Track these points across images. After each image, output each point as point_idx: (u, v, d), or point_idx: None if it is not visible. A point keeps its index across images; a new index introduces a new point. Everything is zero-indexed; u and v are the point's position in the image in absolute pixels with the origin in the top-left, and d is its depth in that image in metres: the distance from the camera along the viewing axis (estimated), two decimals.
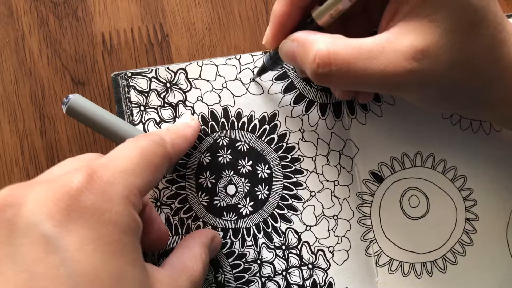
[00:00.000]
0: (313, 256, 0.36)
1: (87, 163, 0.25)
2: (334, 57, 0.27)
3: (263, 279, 0.36)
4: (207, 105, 0.36)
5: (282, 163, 0.37)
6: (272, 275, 0.36)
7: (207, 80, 0.36)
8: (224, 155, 0.36)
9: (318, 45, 0.27)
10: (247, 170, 0.36)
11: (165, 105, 0.36)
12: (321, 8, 0.29)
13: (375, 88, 0.29)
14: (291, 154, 0.37)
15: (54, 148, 0.37)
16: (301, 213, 0.36)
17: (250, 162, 0.36)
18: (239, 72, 0.36)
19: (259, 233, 0.36)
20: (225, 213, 0.36)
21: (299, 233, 0.36)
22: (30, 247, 0.21)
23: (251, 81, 0.37)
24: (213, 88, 0.36)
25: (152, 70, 0.36)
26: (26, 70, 0.37)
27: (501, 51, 0.27)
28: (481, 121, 0.37)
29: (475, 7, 0.26)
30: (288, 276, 0.36)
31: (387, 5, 0.28)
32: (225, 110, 0.36)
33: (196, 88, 0.36)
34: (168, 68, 0.36)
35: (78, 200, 0.22)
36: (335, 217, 0.36)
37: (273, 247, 0.36)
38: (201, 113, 0.36)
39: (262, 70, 0.35)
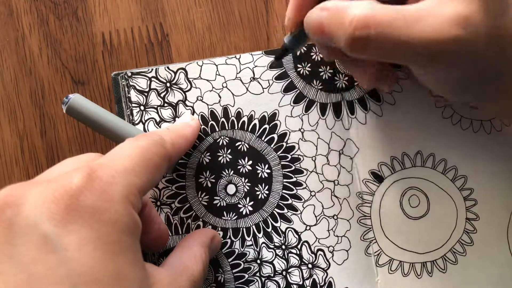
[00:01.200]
0: (313, 255, 0.36)
1: (86, 163, 0.25)
2: (373, 20, 0.25)
3: (263, 279, 0.36)
4: (207, 104, 0.36)
5: (282, 162, 0.37)
6: (272, 275, 0.36)
7: (207, 80, 0.36)
8: (224, 155, 0.36)
9: (354, 10, 0.25)
10: (247, 170, 0.36)
11: (165, 104, 0.36)
12: None
13: (414, 58, 0.27)
14: (291, 153, 0.37)
15: (54, 148, 0.37)
16: (301, 212, 0.36)
17: (250, 162, 0.36)
18: (239, 72, 0.36)
19: (259, 232, 0.36)
20: (225, 213, 0.36)
21: (299, 233, 0.36)
22: (29, 247, 0.21)
23: (272, 64, 0.36)
24: (213, 87, 0.36)
25: (152, 69, 0.36)
26: (26, 70, 0.37)
27: None
28: (483, 120, 0.37)
29: None
30: (288, 275, 0.36)
31: None
32: (225, 110, 0.36)
33: (196, 87, 0.36)
34: (168, 67, 0.36)
35: (77, 200, 0.22)
36: (335, 217, 0.36)
37: (273, 246, 0.36)
38: (201, 113, 0.36)
39: (283, 53, 0.33)
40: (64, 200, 0.22)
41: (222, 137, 0.36)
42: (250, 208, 0.36)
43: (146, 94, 0.36)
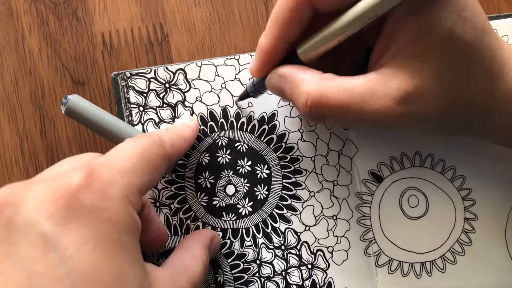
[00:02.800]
0: (313, 256, 0.36)
1: (86, 162, 0.26)
2: (326, 101, 0.27)
3: (263, 279, 0.36)
4: (206, 105, 0.36)
5: (281, 163, 0.37)
6: (272, 275, 0.36)
7: (206, 81, 0.36)
8: (223, 155, 0.36)
9: (308, 87, 0.28)
10: (246, 170, 0.36)
11: (164, 105, 0.36)
12: (307, 46, 0.29)
13: (369, 127, 0.29)
14: (290, 154, 0.37)
15: (54, 148, 0.37)
16: (300, 213, 0.36)
17: (249, 162, 0.37)
18: (238, 73, 0.36)
19: (258, 233, 0.36)
20: (224, 213, 0.36)
21: (299, 233, 0.36)
22: (29, 245, 0.21)
23: (233, 105, 0.37)
24: (212, 88, 0.36)
25: (151, 70, 0.36)
26: (26, 70, 0.38)
27: (497, 83, 0.27)
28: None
29: (468, 43, 0.26)
30: (287, 276, 0.36)
31: (377, 41, 0.28)
32: (224, 111, 0.36)
33: (195, 88, 0.36)
34: (167, 68, 0.36)
35: (77, 199, 0.22)
36: (335, 217, 0.36)
37: (272, 247, 0.36)
38: (200, 114, 0.36)
39: (244, 96, 0.35)
40: (63, 199, 0.22)
41: (221, 138, 0.36)
42: (250, 209, 0.36)
43: (145, 94, 0.36)
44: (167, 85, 0.36)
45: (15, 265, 0.21)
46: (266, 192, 0.37)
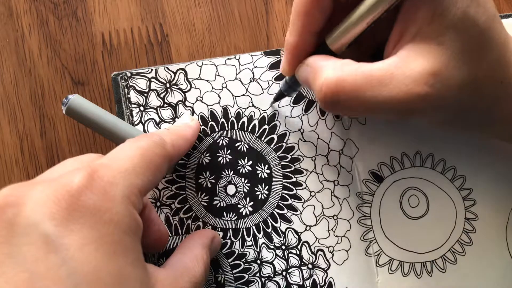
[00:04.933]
0: (313, 256, 0.36)
1: (87, 163, 0.25)
2: (341, 84, 0.26)
3: (263, 279, 0.36)
4: (207, 105, 0.36)
5: (281, 163, 0.37)
6: (272, 275, 0.36)
7: (207, 80, 0.36)
8: (224, 155, 0.36)
9: (326, 73, 0.27)
10: (246, 170, 0.36)
11: (165, 105, 0.36)
12: (335, 33, 0.29)
13: (386, 115, 0.28)
14: (290, 154, 0.37)
15: (54, 148, 0.37)
16: (301, 213, 0.36)
17: (250, 162, 0.36)
18: (239, 72, 0.36)
19: (259, 233, 0.36)
20: (225, 213, 0.36)
21: (299, 233, 0.36)
22: (30, 247, 0.21)
23: (270, 106, 0.37)
24: (212, 88, 0.36)
25: (151, 70, 0.36)
26: (26, 70, 0.37)
27: (506, 72, 0.27)
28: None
29: (481, 28, 0.26)
30: (288, 276, 0.36)
31: (394, 25, 0.28)
32: (225, 110, 0.36)
33: (195, 88, 0.36)
34: (167, 68, 0.36)
35: (79, 200, 0.22)
36: (335, 217, 0.36)
37: (273, 247, 0.36)
38: (201, 113, 0.36)
39: (279, 96, 0.35)
40: (65, 199, 0.22)
41: (222, 138, 0.36)
42: (250, 209, 0.36)
43: (145, 94, 0.36)
44: (167, 85, 0.36)
45: (16, 266, 0.21)
46: (267, 192, 0.37)
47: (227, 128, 0.36)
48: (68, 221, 0.22)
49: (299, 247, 0.36)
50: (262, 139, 0.37)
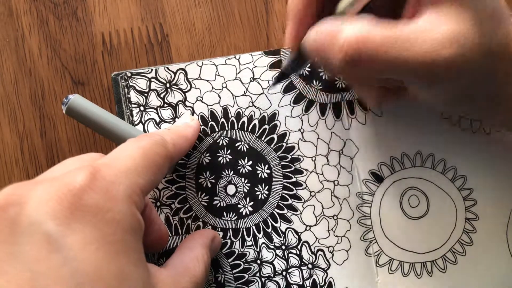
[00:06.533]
0: (313, 256, 0.36)
1: (89, 163, 0.25)
2: (364, 41, 0.25)
3: (263, 279, 0.36)
4: (207, 105, 0.36)
5: (282, 163, 0.37)
6: (272, 275, 0.36)
7: (207, 80, 0.36)
8: (224, 155, 0.36)
9: (346, 31, 0.26)
10: (246, 170, 0.36)
11: (165, 105, 0.36)
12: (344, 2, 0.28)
13: (407, 76, 0.27)
14: (291, 154, 0.37)
15: (54, 148, 0.37)
16: (301, 213, 0.36)
17: (250, 162, 0.36)
18: (239, 72, 0.36)
19: (259, 233, 0.36)
20: (225, 213, 0.36)
21: (299, 233, 0.36)
22: (33, 246, 0.21)
23: (268, 86, 0.36)
24: (212, 88, 0.36)
25: (151, 70, 0.36)
26: (26, 70, 0.37)
27: None
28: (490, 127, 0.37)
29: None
30: (288, 276, 0.36)
31: None
32: (225, 110, 0.36)
33: (195, 88, 0.36)
34: (167, 68, 0.36)
35: (81, 199, 0.22)
36: (335, 217, 0.36)
37: (273, 247, 0.36)
38: (201, 113, 0.36)
39: (281, 77, 0.34)
40: (67, 199, 0.22)
41: (222, 138, 0.36)
42: (250, 209, 0.36)
43: (146, 94, 0.36)
44: (167, 85, 0.36)
45: (18, 265, 0.21)
46: (267, 192, 0.37)
47: (227, 128, 0.36)
48: (71, 220, 0.22)
49: (299, 247, 0.36)
50: (262, 139, 0.37)
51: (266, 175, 0.37)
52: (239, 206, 0.36)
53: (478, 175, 0.37)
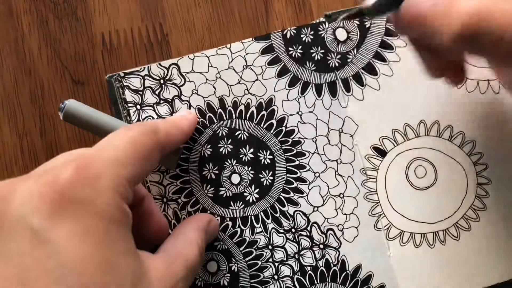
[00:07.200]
0: (324, 236, 0.36)
1: (76, 156, 0.26)
2: (484, 17, 0.22)
3: (276, 264, 0.36)
4: (203, 97, 0.37)
5: (283, 147, 0.37)
6: (285, 259, 0.36)
7: (200, 72, 0.37)
8: (225, 145, 0.37)
9: (465, 1, 0.23)
10: (249, 158, 0.37)
11: (161, 101, 0.37)
12: None
13: None
14: (291, 137, 0.37)
15: (54, 148, 0.38)
16: (307, 194, 0.36)
17: (252, 150, 0.37)
18: (231, 61, 0.37)
19: (268, 218, 0.36)
20: (232, 203, 0.36)
21: (307, 215, 0.36)
22: (18, 241, 0.22)
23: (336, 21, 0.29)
24: (206, 79, 0.37)
25: (144, 68, 0.37)
26: (25, 70, 0.38)
27: None
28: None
29: None
30: (300, 258, 0.36)
31: None
32: (221, 101, 0.37)
33: (190, 81, 0.37)
34: (160, 64, 0.37)
35: (65, 193, 0.23)
36: (341, 195, 0.36)
37: (282, 231, 0.36)
38: (198, 106, 0.37)
39: (356, 14, 0.28)
40: (51, 194, 0.23)
41: (221, 128, 0.37)
42: (256, 196, 0.36)
43: (141, 93, 0.37)
44: (161, 81, 0.37)
45: (4, 260, 0.22)
46: (271, 178, 0.37)
47: (225, 118, 0.37)
48: (54, 214, 0.22)
49: (308, 228, 0.36)
50: (262, 125, 0.37)
51: (268, 161, 0.37)
52: (245, 194, 0.37)
53: (488, 138, 0.36)
